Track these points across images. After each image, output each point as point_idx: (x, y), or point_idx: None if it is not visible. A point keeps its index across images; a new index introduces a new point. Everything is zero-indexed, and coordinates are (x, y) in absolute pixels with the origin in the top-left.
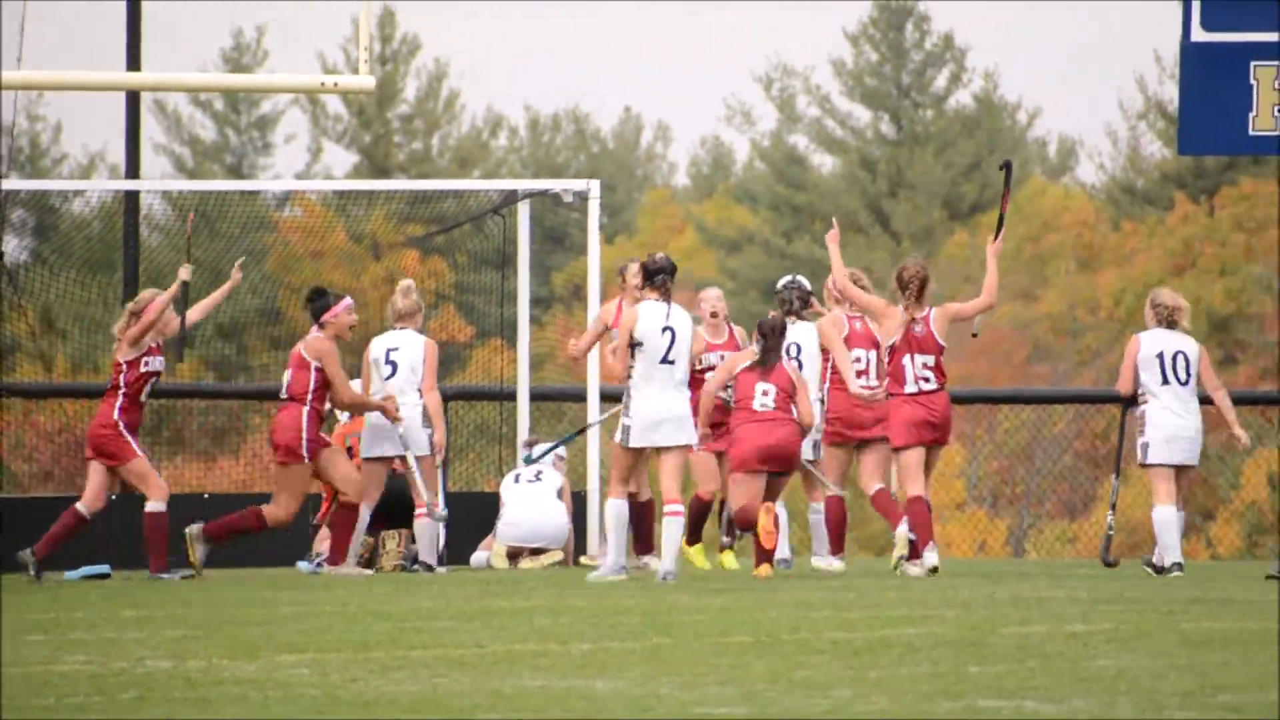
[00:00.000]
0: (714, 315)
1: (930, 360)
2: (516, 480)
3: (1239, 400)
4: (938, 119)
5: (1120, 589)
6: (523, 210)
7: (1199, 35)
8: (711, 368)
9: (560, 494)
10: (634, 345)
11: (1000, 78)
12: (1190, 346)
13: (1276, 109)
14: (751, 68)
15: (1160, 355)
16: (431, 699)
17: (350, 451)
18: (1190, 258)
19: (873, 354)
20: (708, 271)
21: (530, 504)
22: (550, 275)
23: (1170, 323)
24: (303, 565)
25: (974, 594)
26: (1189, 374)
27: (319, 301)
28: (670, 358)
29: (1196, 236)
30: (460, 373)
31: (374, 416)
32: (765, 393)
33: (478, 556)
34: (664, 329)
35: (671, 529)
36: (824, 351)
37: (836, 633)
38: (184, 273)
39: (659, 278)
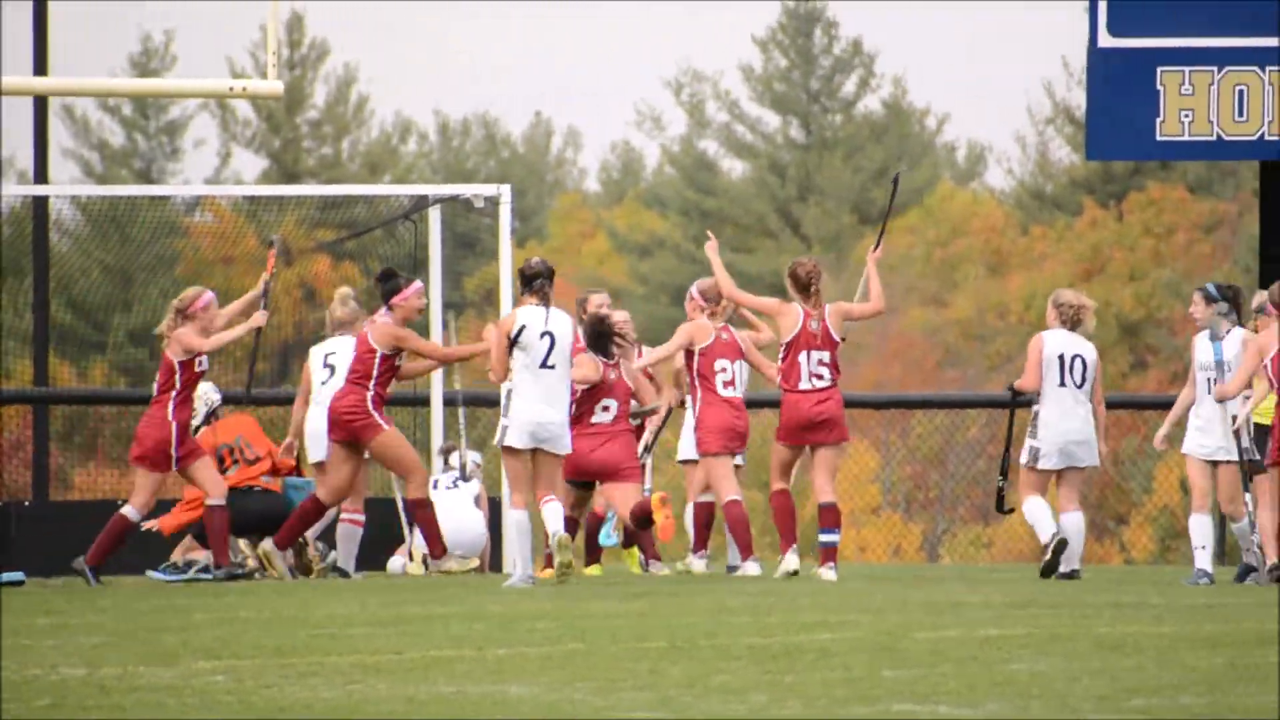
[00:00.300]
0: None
1: (825, 356)
2: (435, 486)
3: (1149, 405)
4: (846, 124)
5: (1034, 593)
6: (434, 215)
7: (1106, 41)
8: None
9: (478, 501)
10: (513, 348)
11: (909, 83)
12: (1089, 352)
13: (1183, 114)
14: (661, 73)
15: (1061, 356)
16: (347, 705)
17: (222, 459)
18: (1099, 263)
19: (739, 364)
20: (619, 277)
21: (448, 512)
22: (462, 280)
23: (1074, 322)
24: (154, 574)
25: (888, 599)
26: (1084, 378)
27: (389, 284)
28: (550, 362)
29: (1105, 242)
30: None
31: (315, 424)
32: (606, 408)
33: (394, 563)
34: (543, 333)
35: (549, 513)
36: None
37: (753, 638)
38: (259, 319)
39: (536, 282)
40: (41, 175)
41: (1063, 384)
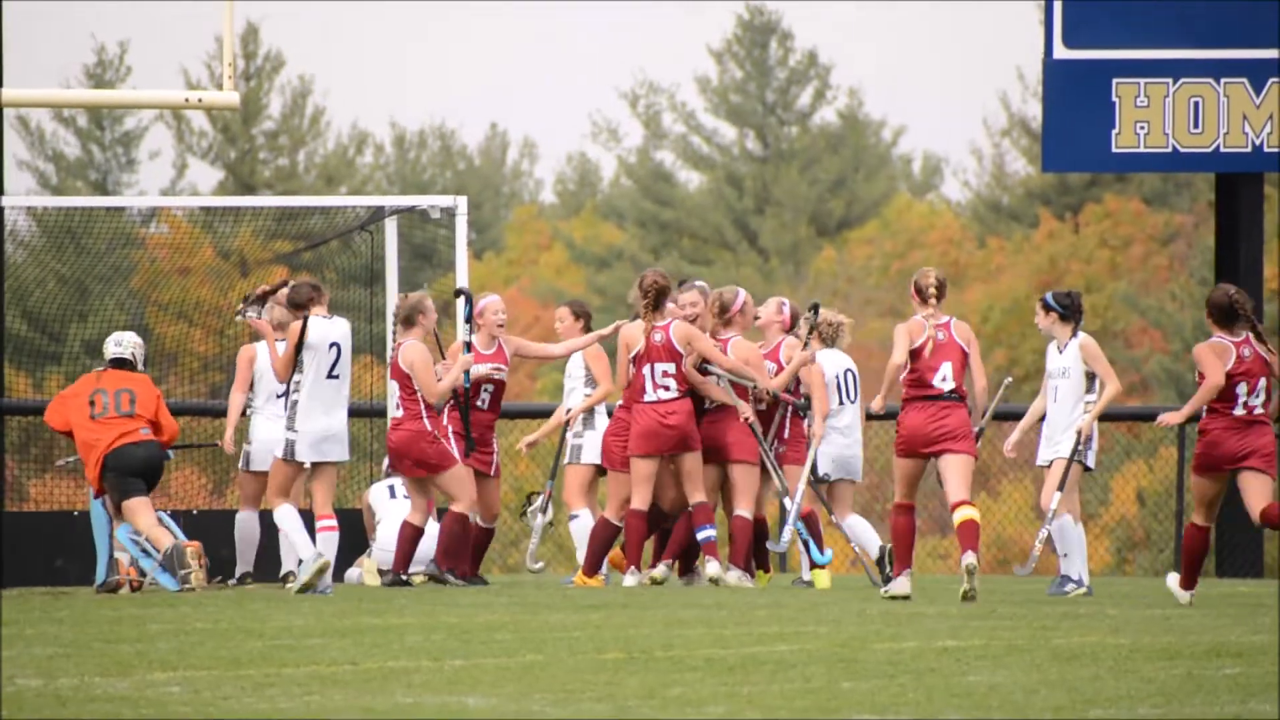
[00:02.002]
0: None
1: (670, 368)
2: (392, 495)
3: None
4: (803, 136)
5: (991, 605)
6: (390, 227)
7: (1061, 53)
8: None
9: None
10: (299, 357)
11: (865, 95)
12: (852, 364)
13: (1138, 126)
14: (617, 85)
15: (838, 376)
16: (304, 716)
17: (93, 403)
18: (1056, 275)
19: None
20: (577, 289)
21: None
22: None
23: (833, 339)
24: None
25: (845, 610)
26: (856, 393)
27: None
28: (335, 373)
29: (1062, 254)
30: None
31: (264, 431)
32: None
33: (350, 574)
34: (331, 344)
35: (325, 544)
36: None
37: (710, 649)
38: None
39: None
40: None
41: (841, 403)
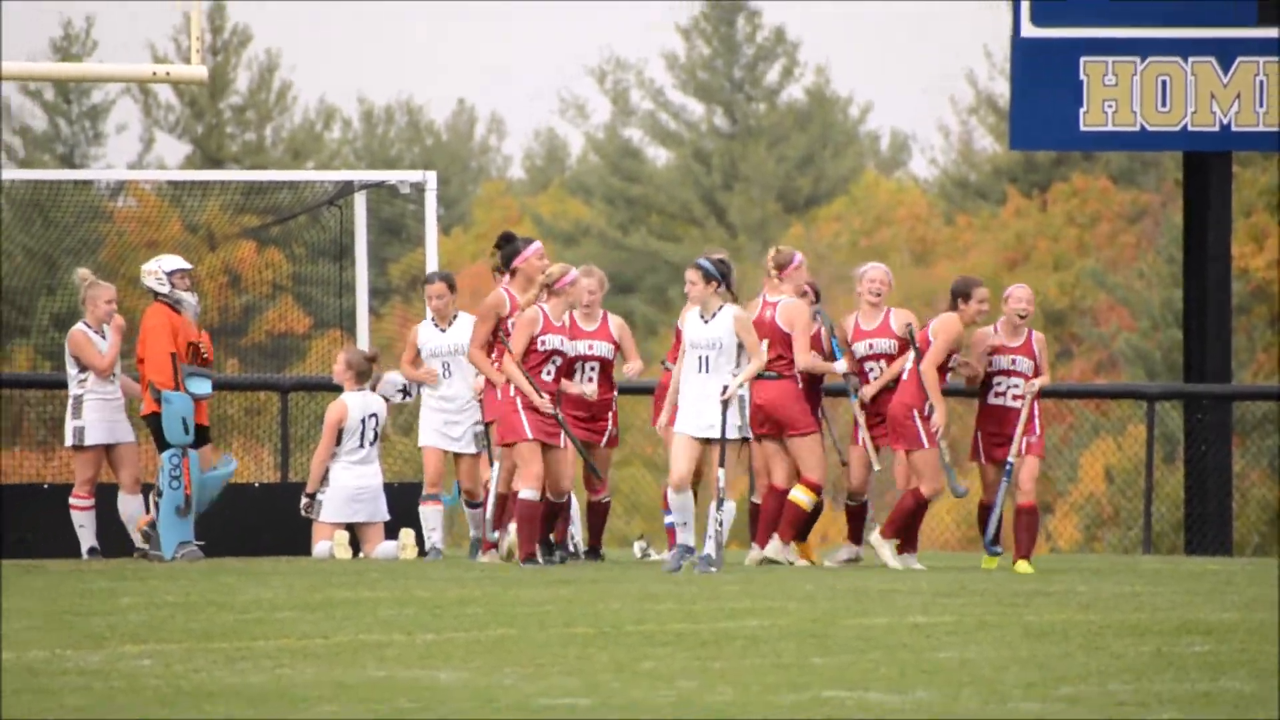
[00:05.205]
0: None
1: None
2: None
3: (1074, 394)
4: (770, 112)
5: (963, 581)
6: (359, 201)
7: (1029, 31)
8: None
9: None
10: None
11: (832, 72)
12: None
13: (1106, 105)
14: (584, 61)
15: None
16: (275, 690)
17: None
18: (1023, 251)
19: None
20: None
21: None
22: (387, 267)
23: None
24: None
25: (816, 586)
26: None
27: (508, 247)
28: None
29: (1029, 231)
30: (299, 364)
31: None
32: None
33: (320, 547)
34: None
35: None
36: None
37: (681, 624)
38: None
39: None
40: None
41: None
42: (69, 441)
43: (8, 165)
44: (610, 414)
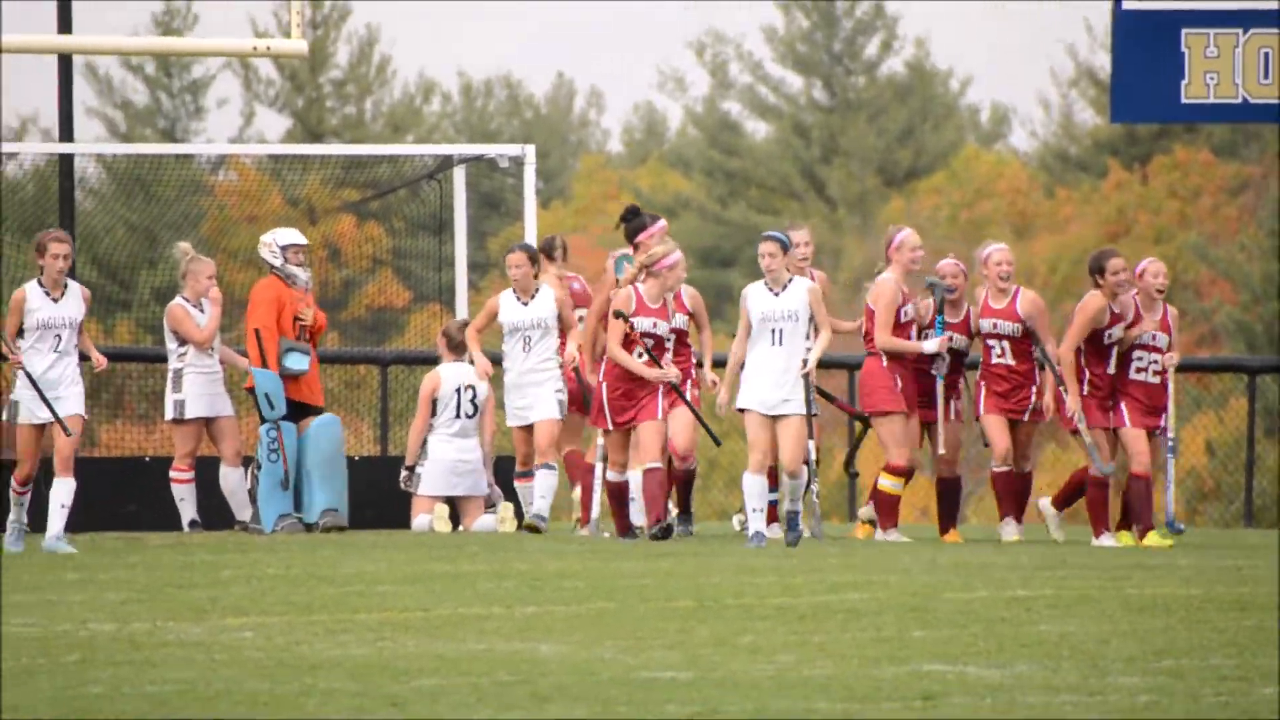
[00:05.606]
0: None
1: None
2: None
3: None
4: (870, 86)
5: (1062, 555)
6: (458, 175)
7: (1130, 3)
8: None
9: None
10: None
11: (931, 45)
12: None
13: (1207, 76)
14: (683, 34)
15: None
16: (377, 662)
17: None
18: (1124, 225)
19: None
20: None
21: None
22: (486, 240)
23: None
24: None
25: (916, 560)
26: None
27: (634, 221)
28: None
29: (1130, 205)
30: (398, 338)
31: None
32: None
33: (419, 521)
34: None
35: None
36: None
37: (780, 598)
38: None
39: None
40: (67, 133)
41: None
42: (169, 415)
43: (110, 139)
44: (691, 381)
